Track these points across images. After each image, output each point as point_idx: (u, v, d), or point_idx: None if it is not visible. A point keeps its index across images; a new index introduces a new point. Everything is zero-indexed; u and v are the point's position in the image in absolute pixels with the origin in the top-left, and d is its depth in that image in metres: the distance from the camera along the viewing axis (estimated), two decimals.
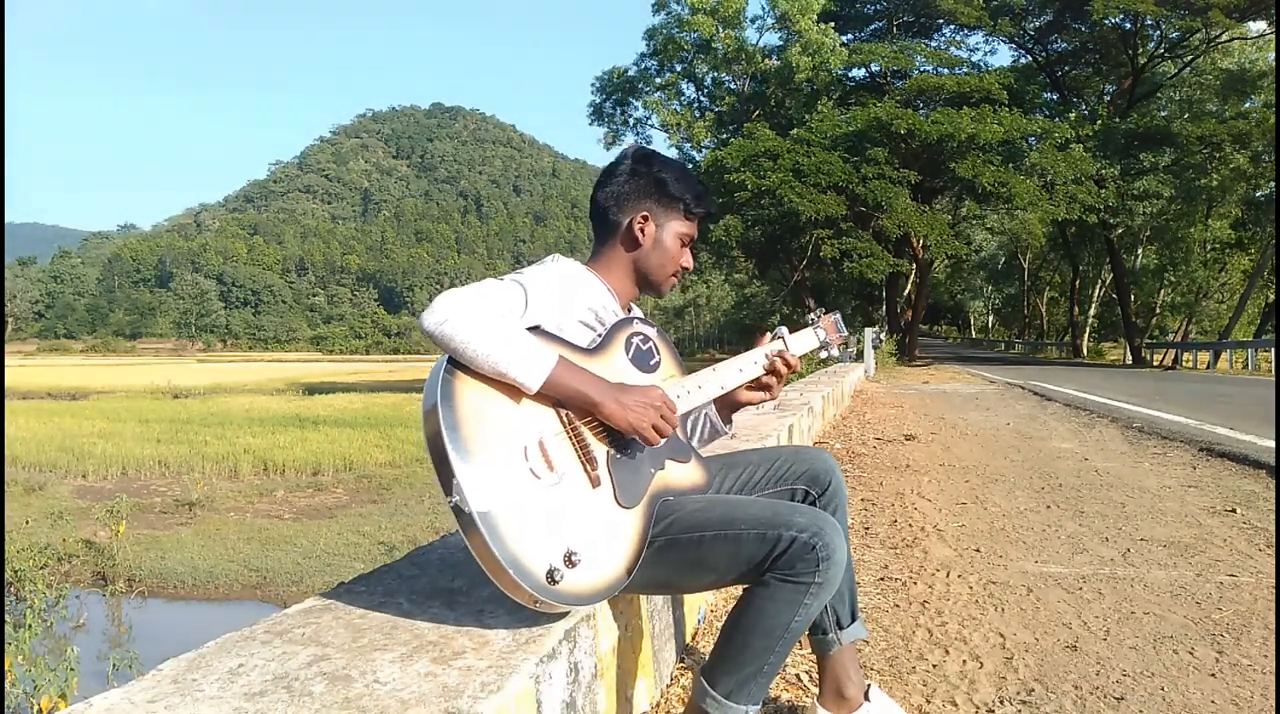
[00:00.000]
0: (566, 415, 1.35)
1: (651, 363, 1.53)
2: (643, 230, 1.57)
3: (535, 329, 1.36)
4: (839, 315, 1.85)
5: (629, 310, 1.63)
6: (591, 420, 1.37)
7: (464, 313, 1.27)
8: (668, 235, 1.59)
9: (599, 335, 1.48)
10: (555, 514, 1.27)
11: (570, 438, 1.34)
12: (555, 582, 1.22)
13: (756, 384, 1.68)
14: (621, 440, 1.40)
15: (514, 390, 1.30)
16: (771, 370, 1.66)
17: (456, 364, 1.28)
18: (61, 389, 33.69)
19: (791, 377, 1.75)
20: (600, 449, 1.37)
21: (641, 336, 1.53)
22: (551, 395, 1.32)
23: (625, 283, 1.60)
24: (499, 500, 1.22)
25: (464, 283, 1.44)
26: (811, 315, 1.82)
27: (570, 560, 1.24)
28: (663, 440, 1.41)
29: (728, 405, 1.75)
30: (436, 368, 1.28)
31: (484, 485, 1.21)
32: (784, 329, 1.70)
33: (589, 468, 1.34)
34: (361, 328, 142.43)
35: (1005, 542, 3.25)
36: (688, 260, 1.63)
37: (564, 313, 1.44)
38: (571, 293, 1.48)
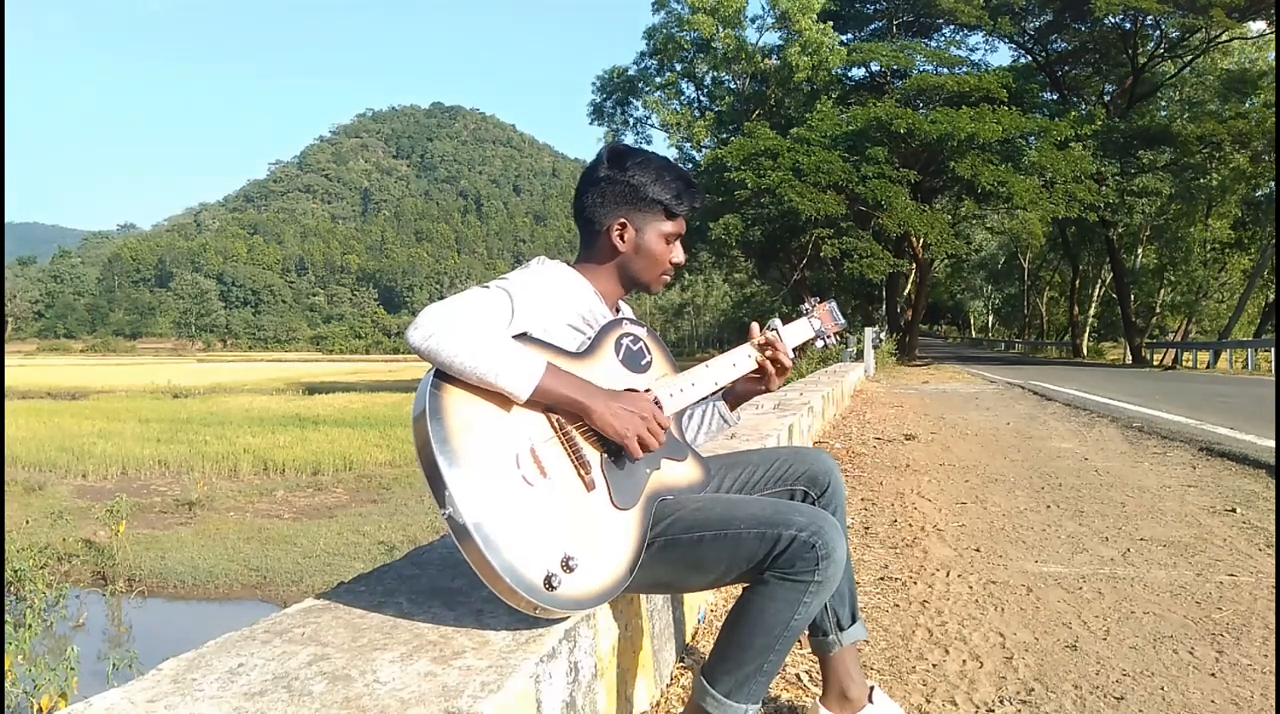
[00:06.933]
0: (557, 420, 1.34)
1: (643, 363, 1.51)
2: (622, 237, 1.54)
3: (523, 336, 1.35)
4: (834, 303, 1.83)
5: (617, 311, 1.61)
6: (583, 424, 1.37)
7: (449, 326, 1.26)
8: (650, 238, 1.55)
9: (588, 338, 1.46)
10: (550, 520, 1.26)
11: (562, 443, 1.33)
12: (553, 588, 1.21)
13: (755, 376, 1.68)
14: (614, 442, 1.40)
15: (503, 399, 1.30)
16: (763, 365, 1.65)
17: (444, 376, 1.28)
18: (61, 389, 33.73)
19: (791, 376, 1.74)
20: (593, 452, 1.37)
21: (631, 337, 1.51)
22: (542, 402, 1.32)
23: (611, 285, 1.58)
24: (492, 510, 1.21)
25: (464, 282, 1.43)
26: (805, 305, 1.79)
27: (568, 565, 1.24)
28: (645, 454, 1.38)
29: (732, 397, 1.75)
30: (425, 380, 1.28)
31: (476, 495, 1.21)
32: (777, 321, 1.69)
33: (582, 472, 1.33)
34: (361, 328, 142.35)
35: (1005, 541, 3.25)
36: (677, 256, 1.59)
37: (551, 318, 1.43)
38: (558, 297, 1.46)
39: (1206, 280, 29.27)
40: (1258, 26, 24.98)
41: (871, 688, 1.60)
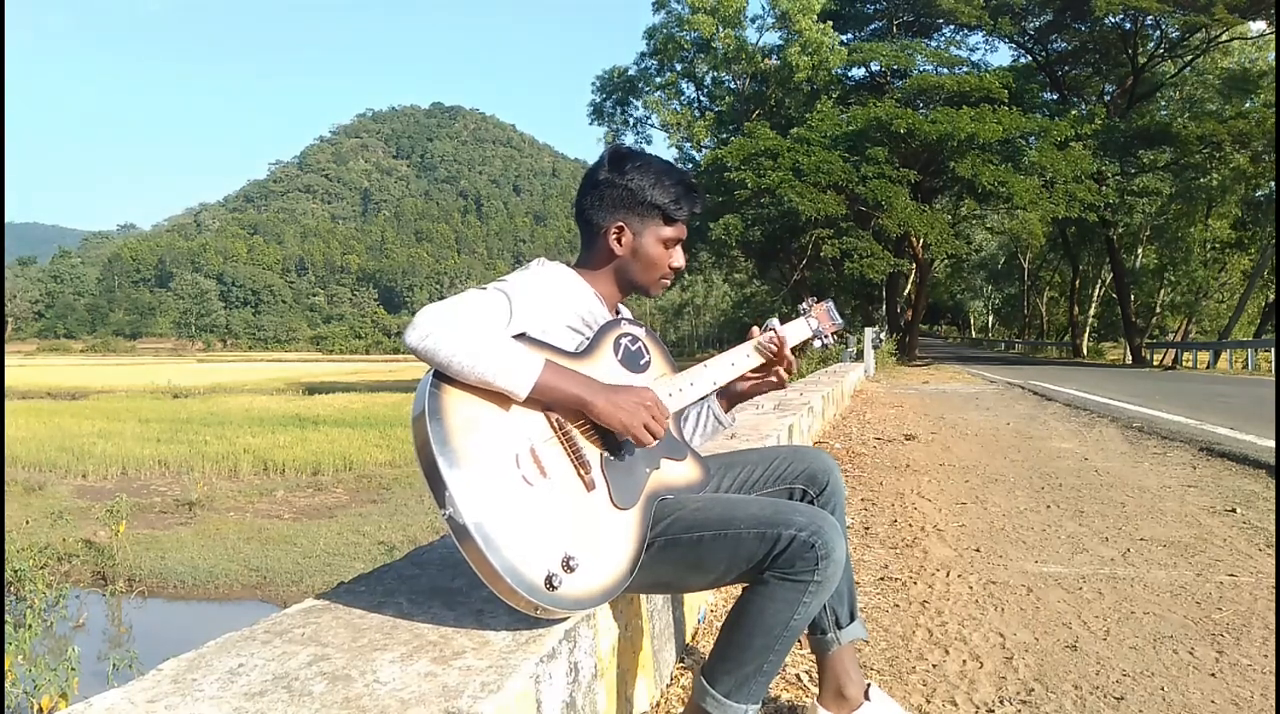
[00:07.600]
0: (557, 420, 1.34)
1: (641, 363, 1.52)
2: (619, 240, 1.54)
3: (521, 336, 1.35)
4: (832, 303, 1.83)
5: (616, 311, 1.62)
6: (583, 423, 1.37)
7: (447, 326, 1.26)
8: (647, 243, 1.55)
9: (586, 339, 1.47)
10: (550, 520, 1.26)
11: (561, 442, 1.33)
12: (554, 588, 1.21)
13: (754, 376, 1.68)
14: (614, 442, 1.39)
15: (502, 398, 1.30)
16: (764, 362, 1.65)
17: (443, 376, 1.28)
18: (61, 389, 33.73)
19: (791, 377, 1.74)
20: (593, 452, 1.37)
21: (630, 337, 1.52)
22: (541, 400, 1.32)
23: (609, 287, 1.58)
24: (492, 510, 1.21)
25: (464, 282, 1.43)
26: (803, 304, 1.80)
27: (568, 565, 1.23)
28: (655, 441, 1.40)
29: (730, 398, 1.75)
30: (424, 380, 1.28)
31: (476, 496, 1.21)
32: (775, 321, 1.69)
33: (582, 471, 1.33)
34: (361, 328, 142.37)
35: (1005, 541, 3.24)
36: (677, 261, 1.59)
37: (550, 319, 1.43)
38: (557, 298, 1.46)
39: (1206, 280, 29.28)
40: (1258, 26, 24.98)
41: (868, 686, 1.60)
